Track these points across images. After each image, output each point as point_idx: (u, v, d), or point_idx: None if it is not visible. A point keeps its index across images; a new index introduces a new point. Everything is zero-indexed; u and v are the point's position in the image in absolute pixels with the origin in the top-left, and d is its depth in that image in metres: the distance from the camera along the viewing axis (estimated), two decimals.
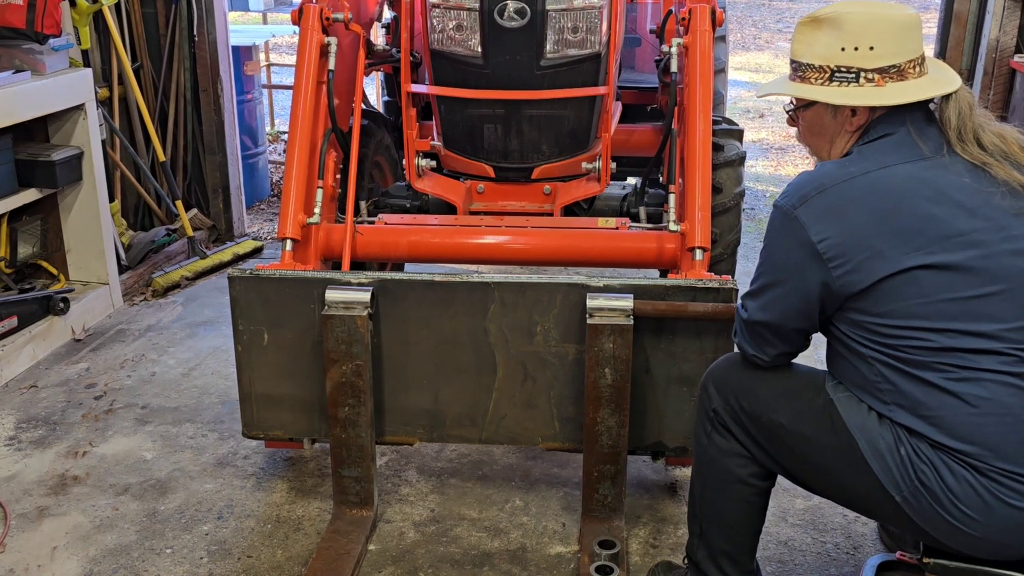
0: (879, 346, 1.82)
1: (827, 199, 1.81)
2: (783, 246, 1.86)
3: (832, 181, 1.82)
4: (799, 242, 1.82)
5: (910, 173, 1.80)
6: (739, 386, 2.03)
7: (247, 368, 2.67)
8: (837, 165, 1.87)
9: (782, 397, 1.97)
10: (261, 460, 3.08)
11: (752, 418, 2.01)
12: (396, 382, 2.65)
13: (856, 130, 1.91)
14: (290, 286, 2.59)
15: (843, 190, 1.81)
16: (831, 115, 1.92)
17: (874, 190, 1.79)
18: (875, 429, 1.84)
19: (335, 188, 3.33)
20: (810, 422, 1.92)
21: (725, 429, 2.06)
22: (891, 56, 1.85)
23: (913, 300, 1.76)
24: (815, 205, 1.81)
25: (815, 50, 1.89)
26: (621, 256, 3.21)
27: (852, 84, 1.87)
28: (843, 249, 1.78)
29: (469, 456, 3.10)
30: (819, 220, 1.80)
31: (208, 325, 4.21)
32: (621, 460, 2.55)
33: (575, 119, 3.34)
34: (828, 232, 1.79)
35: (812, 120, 1.96)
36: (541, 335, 2.57)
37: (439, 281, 2.56)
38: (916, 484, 1.80)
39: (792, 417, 1.95)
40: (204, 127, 5.24)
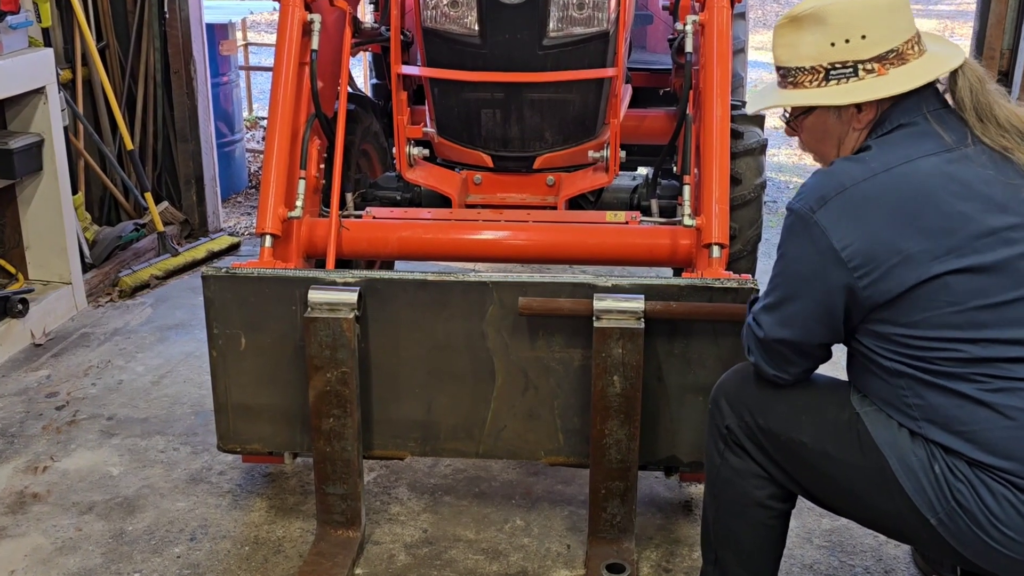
0: (907, 358, 1.81)
1: (848, 200, 1.79)
2: (802, 255, 1.83)
3: (853, 180, 1.80)
4: (820, 249, 1.79)
5: (935, 167, 1.79)
6: (754, 401, 2.01)
7: (223, 376, 2.67)
8: (856, 162, 1.84)
9: (803, 412, 1.95)
10: (238, 476, 3.08)
11: (769, 436, 1.99)
12: (385, 391, 2.65)
13: (865, 127, 1.90)
14: (269, 286, 2.59)
15: (865, 189, 1.79)
16: (835, 117, 1.91)
17: (899, 187, 1.78)
18: (907, 446, 1.83)
19: (319, 179, 3.32)
20: (834, 439, 1.91)
21: (740, 448, 2.04)
22: (887, 40, 1.84)
23: (944, 309, 1.75)
24: (836, 207, 1.79)
25: (802, 51, 1.88)
26: (631, 253, 3.21)
27: (851, 79, 1.85)
28: (870, 255, 1.77)
29: (465, 472, 3.10)
30: (841, 224, 1.78)
31: (180, 329, 4.21)
32: (631, 476, 2.55)
33: (581, 104, 3.34)
34: (852, 237, 1.77)
35: (815, 126, 1.95)
36: (544, 339, 2.57)
37: (432, 280, 2.56)
38: (952, 505, 1.79)
39: (814, 434, 1.93)
40: (176, 112, 5.24)
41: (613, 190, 3.60)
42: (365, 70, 6.65)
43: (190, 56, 5.14)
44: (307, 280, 2.56)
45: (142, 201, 4.99)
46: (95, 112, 4.99)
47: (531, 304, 2.47)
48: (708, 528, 2.17)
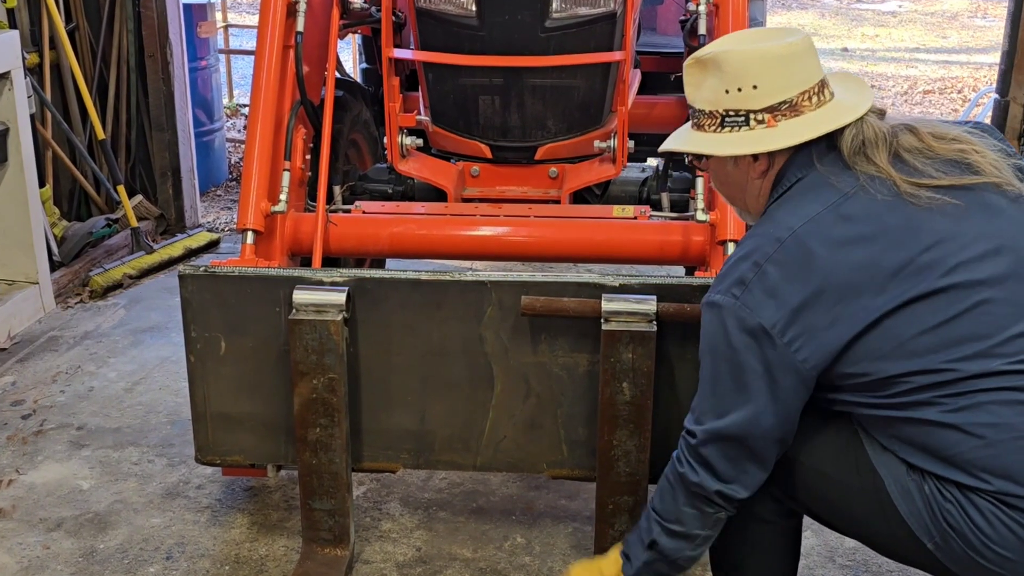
0: (866, 405, 1.85)
1: (765, 276, 1.82)
2: (734, 343, 1.84)
3: (764, 256, 1.84)
4: (751, 331, 1.82)
5: (836, 218, 1.83)
6: None
7: (201, 382, 2.67)
8: (761, 236, 1.88)
9: (800, 432, 1.96)
10: (217, 490, 3.08)
11: None
12: (376, 399, 2.65)
13: (762, 176, 1.95)
14: (251, 286, 2.59)
15: (777, 260, 1.82)
16: (732, 164, 1.97)
17: (807, 251, 1.81)
18: (903, 467, 1.85)
19: (304, 171, 3.32)
20: (832, 459, 1.93)
21: None
22: (778, 92, 1.88)
23: (885, 348, 1.79)
24: (755, 287, 1.82)
25: (703, 95, 1.94)
26: (640, 251, 3.21)
27: (743, 128, 1.90)
28: (799, 329, 1.80)
29: (462, 485, 3.09)
30: (765, 302, 1.81)
31: (155, 332, 4.20)
32: (641, 490, 2.55)
33: (586, 90, 3.34)
34: (777, 312, 1.81)
35: (716, 170, 2.02)
36: (546, 343, 2.56)
37: (426, 280, 2.56)
38: (945, 527, 1.81)
39: (811, 454, 1.95)
40: (150, 99, 5.24)
41: (621, 183, 3.60)
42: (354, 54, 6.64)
43: (166, 39, 5.14)
44: (292, 280, 2.55)
45: (114, 195, 4.99)
46: (64, 99, 4.99)
47: (533, 305, 2.47)
48: (714, 549, 2.17)
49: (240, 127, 7.57)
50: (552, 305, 2.47)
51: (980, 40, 12.53)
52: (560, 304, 2.49)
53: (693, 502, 1.96)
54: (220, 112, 6.40)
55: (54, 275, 4.49)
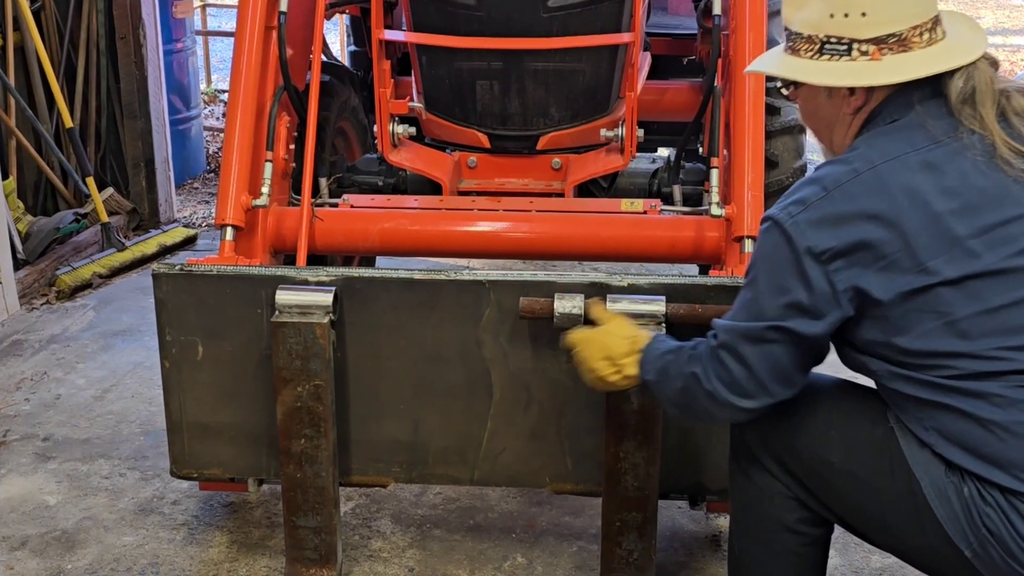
0: (907, 380, 1.85)
1: (830, 204, 1.84)
2: (777, 261, 1.87)
3: (835, 182, 1.85)
4: (798, 254, 1.84)
5: (921, 163, 1.83)
6: (779, 417, 2.02)
7: (177, 390, 2.67)
8: (840, 163, 1.89)
9: (833, 428, 1.97)
10: (194, 506, 3.08)
11: (794, 454, 2.01)
12: (365, 407, 2.65)
13: (856, 112, 1.94)
14: (231, 286, 2.59)
15: (847, 191, 1.83)
16: (825, 96, 1.96)
17: (882, 188, 1.82)
18: (941, 467, 1.85)
19: (288, 162, 3.32)
20: (865, 459, 1.93)
21: (763, 466, 2.07)
22: (888, 23, 1.86)
23: (937, 321, 1.79)
24: (816, 211, 1.84)
25: (804, 15, 1.92)
26: (650, 247, 3.21)
27: (843, 58, 1.89)
28: (851, 260, 1.81)
29: (458, 501, 3.10)
30: (822, 228, 1.83)
31: (127, 335, 4.20)
32: (650, 506, 2.55)
33: (592, 74, 3.34)
34: (830, 241, 1.82)
35: (807, 101, 2.01)
36: (549, 347, 2.56)
37: (420, 280, 2.56)
38: (984, 533, 1.81)
39: (844, 453, 1.95)
40: (122, 85, 5.24)
41: (629, 175, 3.60)
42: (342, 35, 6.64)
43: (139, 19, 5.14)
44: (274, 279, 2.56)
45: (83, 187, 4.99)
46: (29, 84, 4.99)
47: (534, 306, 2.47)
48: (735, 559, 2.18)
49: (219, 114, 7.58)
50: (552, 307, 2.47)
51: (1017, 21, 12.53)
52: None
53: (696, 399, 1.99)
54: (197, 98, 6.40)
55: (18, 274, 4.49)
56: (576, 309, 2.43)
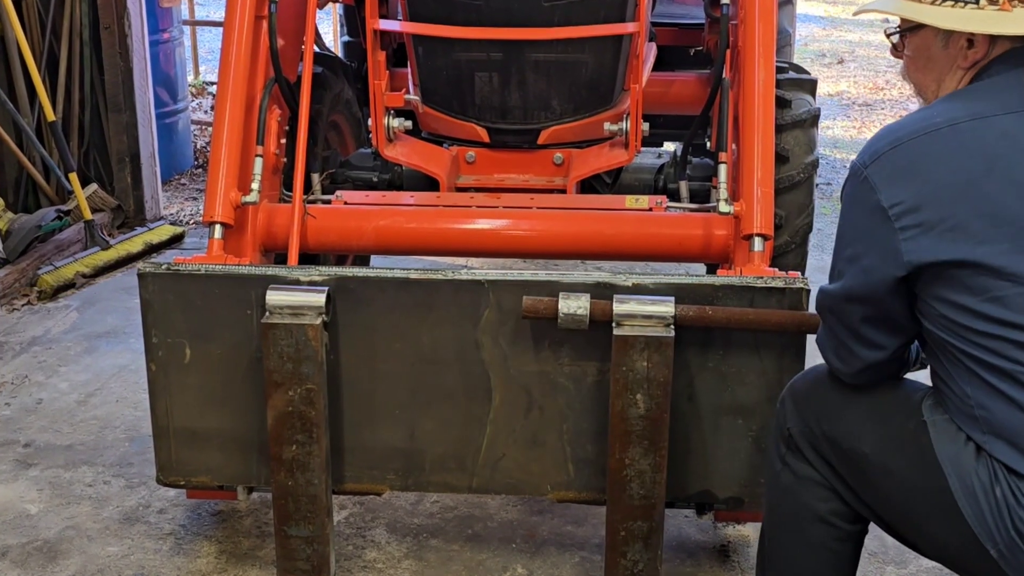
0: (969, 351, 1.85)
1: (902, 155, 1.86)
2: (854, 214, 1.93)
3: (910, 134, 1.87)
4: (869, 208, 1.88)
5: (1011, 128, 1.83)
6: (822, 404, 2.07)
7: (163, 394, 2.67)
8: (922, 114, 1.91)
9: (869, 420, 2.00)
10: (181, 515, 3.08)
11: (832, 445, 2.05)
12: (360, 412, 2.65)
13: (971, 67, 1.93)
14: (219, 285, 2.59)
15: (922, 145, 1.86)
16: (941, 44, 1.95)
17: (961, 147, 1.83)
18: (970, 464, 1.86)
19: (279, 157, 3.32)
20: (897, 452, 1.96)
21: (802, 455, 2.10)
22: None
23: (1009, 290, 1.79)
24: (888, 163, 1.87)
25: None
26: (656, 246, 3.21)
27: (970, 5, 1.88)
28: (918, 215, 1.83)
29: (456, 510, 3.09)
30: (892, 181, 1.86)
31: (112, 337, 4.20)
32: (656, 515, 2.55)
33: (595, 66, 3.34)
34: (902, 195, 1.84)
35: (919, 49, 2.00)
36: (550, 350, 2.56)
37: (416, 279, 2.55)
38: (1013, 535, 1.82)
39: (877, 446, 1.98)
40: (107, 77, 5.23)
41: (634, 170, 3.59)
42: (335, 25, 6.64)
43: (124, 8, 5.14)
44: (265, 279, 2.55)
45: (66, 183, 4.98)
46: (9, 76, 4.98)
47: (536, 307, 2.47)
48: (765, 551, 2.21)
49: (207, 107, 7.57)
50: (556, 308, 2.47)
51: None
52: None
53: None
54: (184, 91, 6.40)
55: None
56: (582, 309, 2.43)
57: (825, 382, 2.08)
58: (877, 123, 7.35)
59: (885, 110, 7.82)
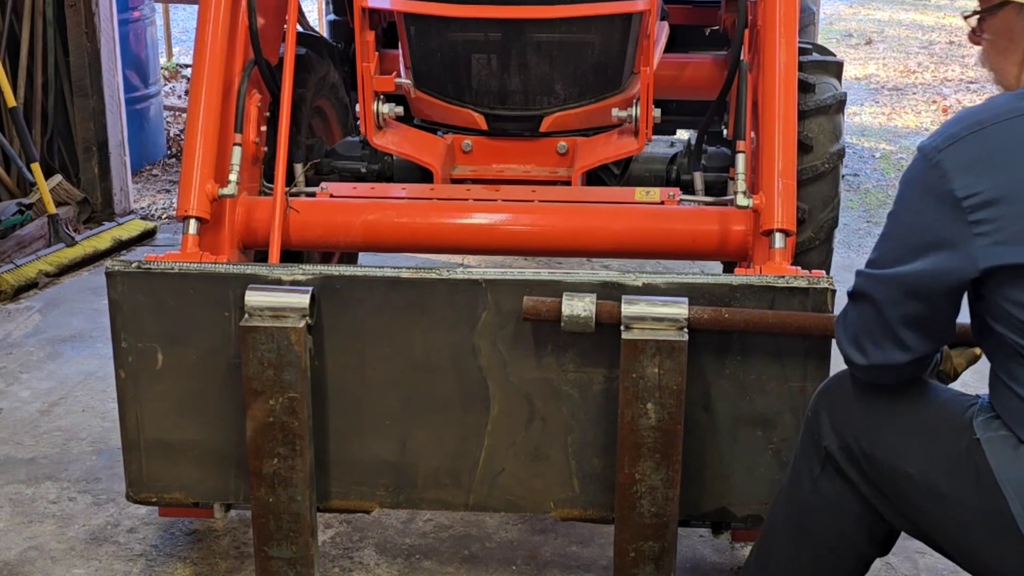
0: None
1: (983, 142, 1.84)
2: (916, 201, 1.90)
3: (993, 118, 1.86)
4: (938, 196, 1.85)
5: None
6: (862, 419, 2.05)
7: (133, 403, 2.67)
8: (1008, 97, 1.90)
9: (914, 436, 1.99)
10: (153, 534, 3.08)
11: (874, 464, 2.04)
12: (347, 423, 2.65)
13: None
14: (194, 285, 2.59)
15: (1008, 130, 1.84)
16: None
17: None
18: None
19: (259, 146, 3.32)
20: (947, 472, 1.94)
21: (839, 475, 2.09)
22: None
23: None
24: (966, 148, 1.85)
25: None
26: (668, 242, 3.21)
27: None
28: (999, 211, 1.81)
29: (451, 528, 3.09)
30: (969, 169, 1.84)
31: (77, 341, 4.20)
32: (669, 534, 2.55)
33: (602, 47, 3.34)
34: (979, 186, 1.82)
35: (1001, 29, 1.99)
36: (553, 355, 2.56)
37: (408, 278, 2.55)
38: None
39: (924, 465, 1.97)
40: (72, 59, 5.23)
41: (644, 160, 3.60)
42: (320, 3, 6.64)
43: None
44: (244, 278, 2.55)
45: (28, 175, 4.98)
46: None
47: (538, 308, 2.47)
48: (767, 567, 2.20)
49: (181, 92, 7.58)
50: (560, 310, 2.47)
51: None
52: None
53: None
54: (156, 74, 6.40)
55: None
56: (586, 311, 2.43)
57: (864, 394, 2.07)
58: (908, 109, 7.36)
59: (917, 95, 7.82)
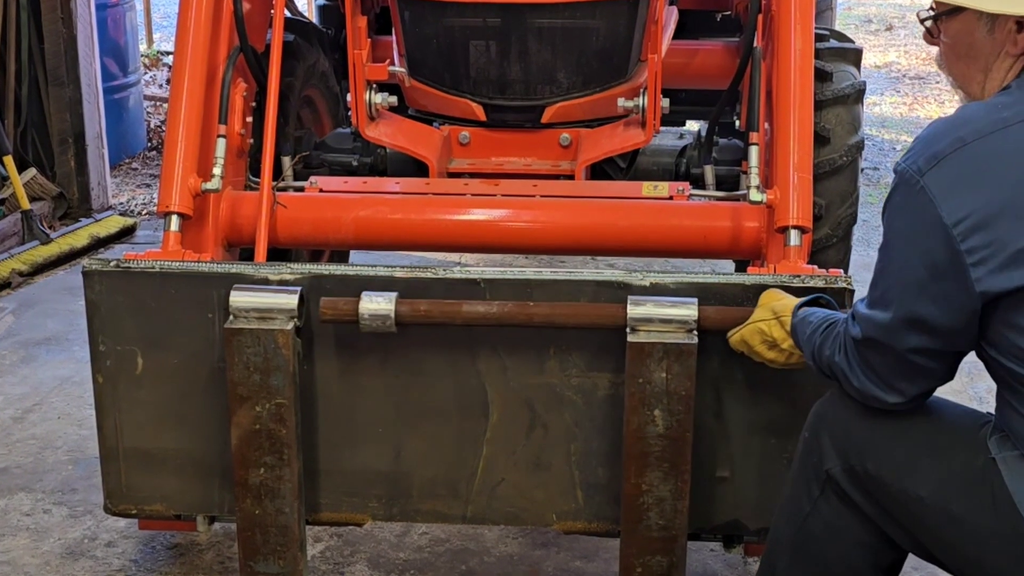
0: None
1: (968, 159, 1.83)
2: (904, 229, 1.89)
3: (977, 133, 1.85)
4: (926, 223, 1.84)
5: None
6: (865, 439, 2.04)
7: (112, 409, 2.67)
8: (985, 108, 1.89)
9: (923, 456, 1.98)
10: (132, 549, 3.08)
11: (880, 486, 2.02)
12: (337, 431, 2.65)
13: (1019, 55, 1.93)
14: (176, 285, 2.59)
15: (991, 145, 1.83)
16: (986, 29, 1.94)
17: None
18: None
19: (245, 137, 3.32)
20: (960, 494, 1.94)
21: (841, 498, 2.08)
22: None
23: None
24: (950, 169, 1.84)
25: None
26: (677, 240, 3.21)
27: None
28: (990, 235, 1.80)
29: (448, 542, 3.10)
30: (955, 190, 1.82)
31: (53, 344, 4.20)
32: (677, 549, 2.55)
33: (607, 33, 3.34)
34: (967, 208, 1.81)
35: (959, 36, 1.99)
36: (556, 359, 2.56)
37: (402, 278, 2.55)
38: None
39: (935, 486, 1.96)
40: (47, 45, 5.23)
41: (652, 153, 3.60)
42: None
43: None
44: (228, 277, 2.55)
45: (0, 168, 4.98)
46: None
47: (337, 306, 2.47)
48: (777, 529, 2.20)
49: (162, 81, 7.58)
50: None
51: None
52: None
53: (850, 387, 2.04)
54: (136, 62, 6.41)
55: None
56: (385, 309, 2.43)
57: (867, 411, 2.05)
58: (931, 99, 7.37)
59: (940, 84, 7.82)
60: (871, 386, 1.99)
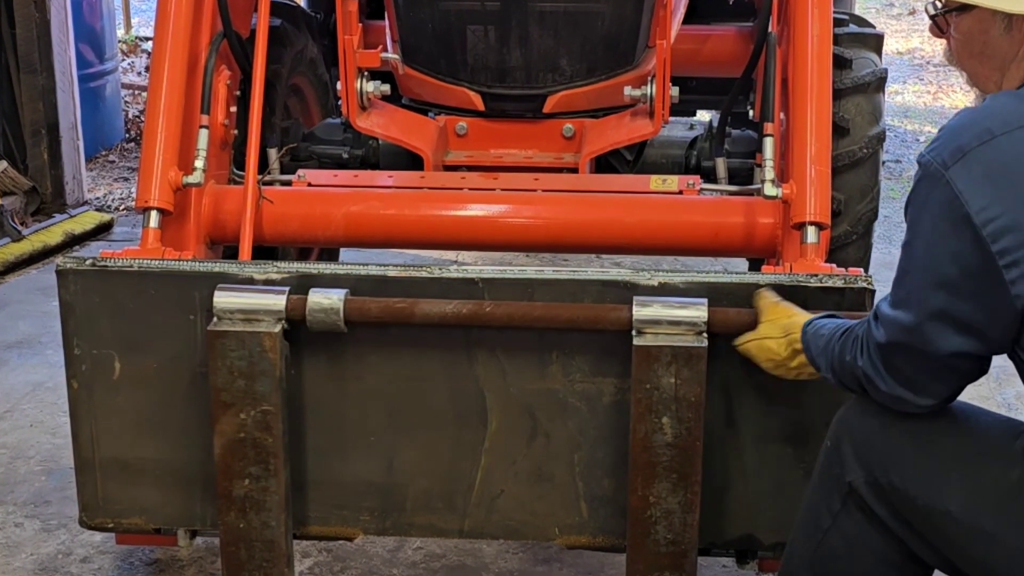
0: None
1: (995, 154, 1.83)
2: (929, 225, 1.89)
3: (1006, 126, 1.85)
4: (952, 219, 1.84)
5: None
6: (890, 450, 2.03)
7: (88, 417, 2.67)
8: (1016, 99, 1.90)
9: (952, 468, 1.97)
10: (109, 564, 3.08)
11: (907, 500, 2.02)
12: (326, 440, 2.65)
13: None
14: (156, 285, 2.59)
15: (1020, 140, 1.83)
16: (1002, 27, 1.95)
17: None
18: None
19: (229, 128, 3.32)
20: (992, 509, 1.93)
21: (864, 513, 2.07)
22: None
23: None
24: (977, 163, 1.84)
25: None
26: (687, 237, 3.22)
27: None
28: (1021, 235, 1.80)
29: (444, 558, 3.10)
30: (983, 187, 1.82)
31: (25, 348, 4.20)
32: (687, 564, 2.55)
33: (613, 17, 3.35)
34: (999, 207, 1.81)
35: (971, 33, 1.99)
36: (558, 364, 2.57)
37: (395, 277, 2.56)
38: None
39: (966, 501, 1.95)
40: (18, 31, 5.23)
41: (661, 145, 3.60)
42: None
43: None
44: (212, 276, 2.56)
45: None
46: None
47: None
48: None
49: (141, 68, 7.58)
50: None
51: None
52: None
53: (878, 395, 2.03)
54: (113, 48, 6.41)
55: None
56: (333, 305, 2.44)
57: (893, 420, 2.05)
58: (956, 88, 7.36)
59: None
60: (900, 389, 1.99)
